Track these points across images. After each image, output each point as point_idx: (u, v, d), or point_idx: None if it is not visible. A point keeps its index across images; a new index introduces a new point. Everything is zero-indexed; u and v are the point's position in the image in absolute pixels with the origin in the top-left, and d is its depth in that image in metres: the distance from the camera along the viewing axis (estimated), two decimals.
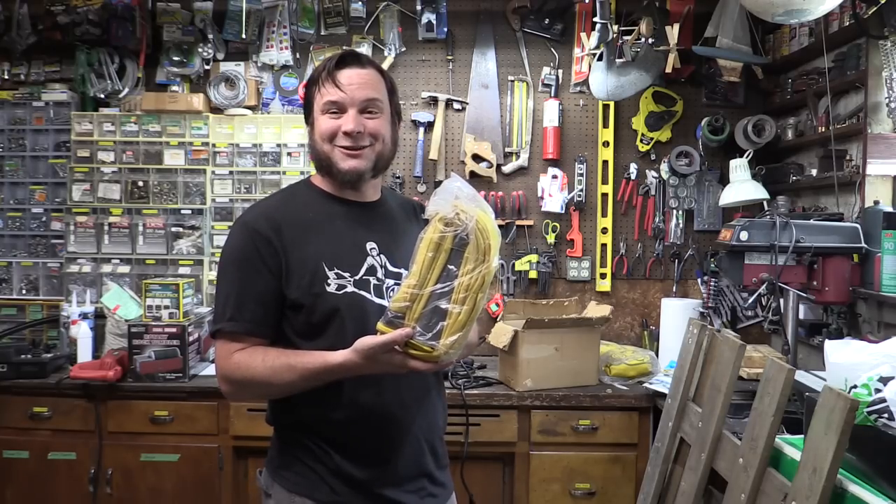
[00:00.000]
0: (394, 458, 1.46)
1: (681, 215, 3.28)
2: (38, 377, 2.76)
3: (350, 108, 1.45)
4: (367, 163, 1.48)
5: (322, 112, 1.47)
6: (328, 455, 1.43)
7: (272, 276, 1.41)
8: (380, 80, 1.51)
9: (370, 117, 1.47)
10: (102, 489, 2.71)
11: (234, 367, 1.41)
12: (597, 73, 3.00)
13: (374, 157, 1.49)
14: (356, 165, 1.47)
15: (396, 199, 1.69)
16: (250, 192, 3.26)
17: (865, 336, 2.35)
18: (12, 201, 3.31)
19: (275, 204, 1.53)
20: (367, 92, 1.47)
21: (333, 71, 1.46)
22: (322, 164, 1.50)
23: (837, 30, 2.54)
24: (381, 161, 1.51)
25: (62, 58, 3.29)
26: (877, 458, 1.28)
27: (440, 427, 1.58)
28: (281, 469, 1.48)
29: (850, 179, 2.51)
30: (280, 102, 3.35)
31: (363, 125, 1.46)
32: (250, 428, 2.69)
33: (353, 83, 1.46)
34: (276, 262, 1.41)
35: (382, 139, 1.49)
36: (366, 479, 1.44)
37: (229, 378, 1.42)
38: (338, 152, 1.46)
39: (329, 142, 1.47)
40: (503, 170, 3.30)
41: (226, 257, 1.46)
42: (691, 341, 2.06)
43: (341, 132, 1.45)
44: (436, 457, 1.54)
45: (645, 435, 2.67)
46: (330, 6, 3.26)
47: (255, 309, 1.41)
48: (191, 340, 2.81)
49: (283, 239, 1.43)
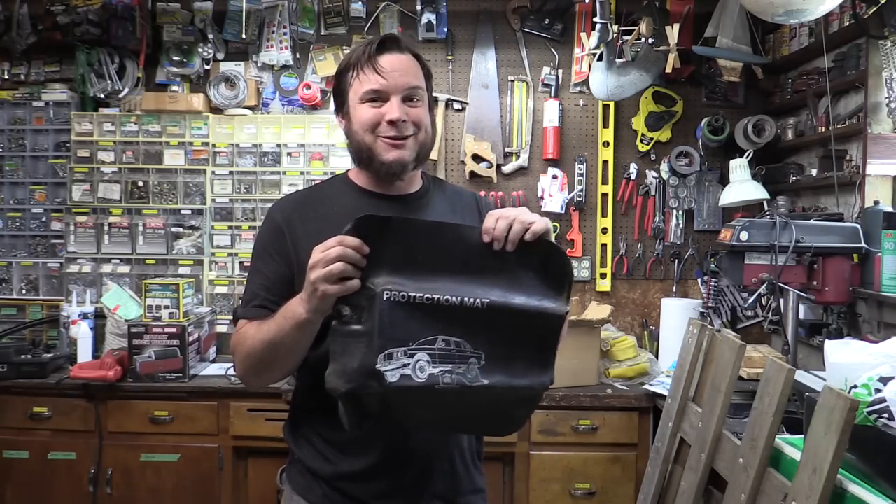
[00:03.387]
0: (394, 476, 1.39)
1: (681, 215, 3.28)
2: (38, 377, 2.76)
3: (393, 96, 1.37)
4: (411, 153, 1.40)
5: (361, 101, 1.39)
6: (327, 463, 1.41)
7: (284, 264, 1.40)
8: (418, 66, 1.43)
9: (413, 105, 1.40)
10: (102, 489, 2.71)
11: (233, 344, 1.42)
12: (597, 73, 3.00)
13: (417, 146, 1.41)
14: (400, 156, 1.39)
15: (446, 190, 1.59)
16: (250, 192, 3.26)
17: (865, 336, 2.35)
18: (12, 201, 3.31)
19: (298, 196, 1.51)
20: (410, 79, 1.39)
21: (375, 56, 1.38)
22: (362, 156, 1.42)
23: (837, 30, 2.54)
24: (424, 151, 1.44)
25: (62, 58, 3.29)
26: (877, 458, 1.28)
27: (463, 447, 1.47)
28: (289, 467, 1.50)
29: (850, 179, 2.51)
30: (280, 102, 3.35)
31: (407, 113, 1.38)
32: (250, 428, 2.70)
33: (396, 69, 1.38)
34: (286, 253, 1.40)
35: (425, 128, 1.42)
36: (360, 494, 1.39)
37: (233, 355, 1.43)
38: (381, 143, 1.39)
39: (371, 132, 1.38)
40: (503, 170, 3.30)
41: (254, 245, 1.48)
42: (691, 341, 2.06)
43: (385, 121, 1.37)
44: (454, 478, 1.44)
45: (645, 435, 2.67)
46: (330, 6, 3.26)
47: (267, 295, 1.39)
48: (191, 340, 2.81)
49: (295, 232, 1.40)
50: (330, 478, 1.40)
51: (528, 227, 1.23)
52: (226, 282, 3.24)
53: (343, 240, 1.17)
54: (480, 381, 1.21)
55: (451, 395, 1.20)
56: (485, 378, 1.21)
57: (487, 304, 1.21)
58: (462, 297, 1.20)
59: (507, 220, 1.23)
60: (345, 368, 1.17)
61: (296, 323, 1.24)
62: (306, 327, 1.25)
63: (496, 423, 1.33)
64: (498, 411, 1.29)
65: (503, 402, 1.26)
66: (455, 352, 1.20)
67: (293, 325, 1.25)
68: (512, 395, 1.25)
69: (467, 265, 1.23)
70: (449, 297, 1.20)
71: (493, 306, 1.21)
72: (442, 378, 1.18)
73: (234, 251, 3.25)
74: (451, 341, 1.20)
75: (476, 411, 1.27)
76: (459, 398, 1.21)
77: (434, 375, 1.18)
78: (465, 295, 1.20)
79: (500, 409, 1.28)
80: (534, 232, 1.24)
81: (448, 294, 1.20)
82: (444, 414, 1.26)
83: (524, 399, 1.29)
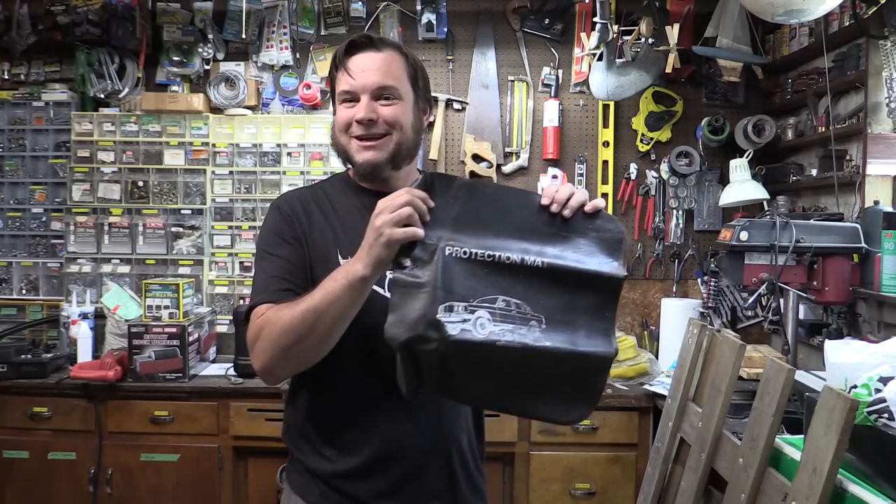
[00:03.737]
0: (391, 475, 1.38)
1: (681, 215, 3.28)
2: (38, 377, 2.76)
3: (362, 96, 1.37)
4: (383, 154, 1.38)
5: (339, 102, 1.41)
6: (324, 461, 1.40)
7: (300, 247, 1.39)
8: (398, 64, 1.40)
9: (386, 104, 1.38)
10: (102, 489, 2.71)
11: (255, 330, 1.31)
12: (597, 73, 3.00)
13: (392, 147, 1.39)
14: (370, 157, 1.38)
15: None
16: (250, 192, 3.26)
17: (865, 336, 2.35)
18: (12, 201, 3.31)
19: (303, 191, 1.51)
20: (380, 78, 1.37)
21: (343, 58, 1.39)
22: (341, 156, 1.44)
23: (837, 30, 2.54)
24: (401, 151, 1.40)
25: (62, 58, 3.30)
26: (877, 458, 1.28)
27: (462, 447, 1.46)
28: (289, 466, 1.49)
29: (850, 179, 2.51)
30: (280, 102, 3.35)
31: (376, 112, 1.37)
32: (250, 428, 2.70)
33: (366, 69, 1.37)
34: (301, 237, 1.40)
35: (401, 127, 1.39)
36: (357, 493, 1.39)
37: (255, 343, 1.31)
38: (353, 144, 1.39)
39: (345, 132, 1.40)
40: (503, 170, 3.30)
41: (259, 240, 1.44)
42: (691, 341, 2.06)
43: (354, 121, 1.37)
44: (452, 479, 1.43)
45: (645, 435, 2.67)
46: (330, 6, 3.26)
47: (290, 278, 1.36)
48: (191, 340, 2.81)
49: (304, 220, 1.41)
50: (327, 476, 1.40)
51: (587, 201, 1.26)
52: (226, 282, 3.24)
53: (410, 190, 1.18)
54: (543, 342, 1.18)
55: (514, 356, 1.17)
56: (547, 340, 1.19)
57: (547, 265, 1.21)
58: (523, 255, 1.20)
59: (568, 190, 1.26)
60: (404, 318, 1.15)
61: (350, 282, 1.20)
62: (362, 287, 1.21)
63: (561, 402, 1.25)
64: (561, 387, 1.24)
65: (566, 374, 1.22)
66: (516, 312, 1.19)
67: (346, 285, 1.20)
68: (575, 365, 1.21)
69: (528, 229, 1.24)
70: (511, 255, 1.20)
71: (553, 267, 1.21)
72: (503, 336, 1.16)
73: (234, 251, 3.25)
74: (512, 302, 1.19)
75: (537, 384, 1.22)
76: (521, 363, 1.18)
77: (495, 332, 1.16)
78: (526, 254, 1.21)
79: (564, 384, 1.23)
80: (595, 205, 1.26)
81: (509, 252, 1.20)
82: (503, 386, 1.22)
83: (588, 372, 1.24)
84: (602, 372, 1.26)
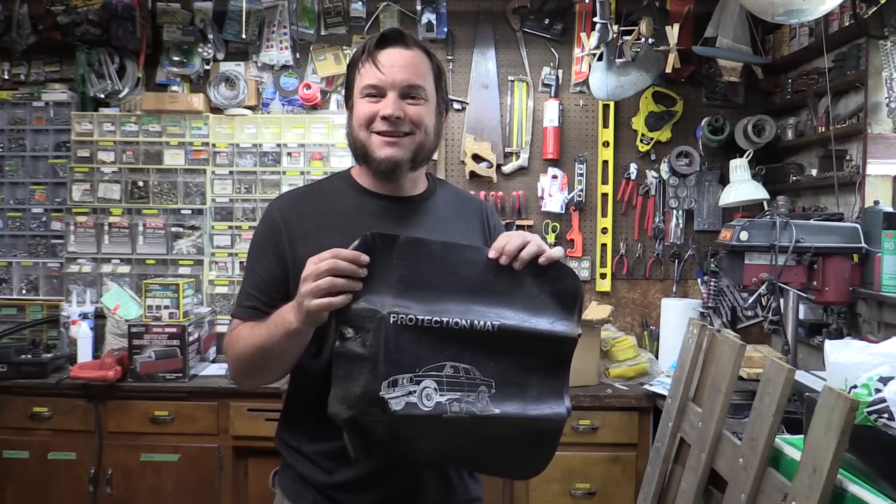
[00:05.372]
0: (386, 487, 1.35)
1: (681, 215, 3.28)
2: (38, 377, 2.76)
3: (390, 92, 1.34)
4: (405, 152, 1.36)
5: (361, 95, 1.37)
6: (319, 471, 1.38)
7: (278, 265, 1.37)
8: (426, 64, 1.39)
9: (412, 103, 1.36)
10: (102, 489, 2.71)
11: (225, 343, 1.41)
12: (597, 73, 3.00)
13: (413, 147, 1.37)
14: (392, 154, 1.35)
15: (453, 194, 1.55)
16: (250, 192, 3.26)
17: (865, 336, 2.35)
18: (12, 201, 3.31)
19: (298, 194, 1.48)
20: (409, 76, 1.35)
21: (374, 51, 1.35)
22: (358, 152, 1.40)
23: (837, 30, 2.54)
24: (422, 153, 1.39)
25: (62, 58, 3.30)
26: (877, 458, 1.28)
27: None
28: (281, 471, 1.48)
29: (850, 179, 2.51)
30: (280, 102, 3.35)
31: (403, 110, 1.34)
32: (250, 428, 2.70)
33: (396, 65, 1.34)
34: (281, 253, 1.37)
35: (424, 129, 1.37)
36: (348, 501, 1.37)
37: (225, 354, 1.41)
38: (375, 139, 1.35)
39: (366, 128, 1.36)
40: (503, 170, 3.30)
41: (250, 245, 1.46)
42: (691, 341, 2.06)
43: (379, 117, 1.34)
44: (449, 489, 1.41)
45: (645, 435, 2.67)
46: (330, 6, 3.26)
47: (259, 295, 1.38)
48: (191, 340, 2.81)
49: (292, 232, 1.38)
50: (322, 486, 1.38)
51: (543, 252, 1.21)
52: (226, 282, 3.24)
53: (338, 252, 1.14)
54: (491, 409, 1.16)
55: (461, 425, 1.15)
56: (496, 407, 1.16)
57: (498, 327, 1.17)
58: (472, 319, 1.16)
59: (520, 239, 1.21)
60: (346, 394, 1.13)
61: (286, 332, 1.22)
62: (296, 337, 1.22)
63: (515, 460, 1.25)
64: (515, 447, 1.22)
65: (518, 436, 1.20)
66: (464, 379, 1.16)
67: (283, 333, 1.22)
68: (527, 428, 1.20)
69: (477, 287, 1.19)
70: (459, 320, 1.15)
71: (503, 329, 1.17)
72: (450, 406, 1.13)
73: (234, 251, 3.25)
74: (461, 368, 1.16)
75: (490, 444, 1.21)
76: (470, 429, 1.16)
77: (441, 404, 1.13)
78: (476, 318, 1.16)
79: (517, 444, 1.22)
80: (549, 257, 1.22)
81: (458, 317, 1.16)
82: (455, 446, 1.20)
83: (541, 433, 1.23)
84: (554, 433, 1.25)
